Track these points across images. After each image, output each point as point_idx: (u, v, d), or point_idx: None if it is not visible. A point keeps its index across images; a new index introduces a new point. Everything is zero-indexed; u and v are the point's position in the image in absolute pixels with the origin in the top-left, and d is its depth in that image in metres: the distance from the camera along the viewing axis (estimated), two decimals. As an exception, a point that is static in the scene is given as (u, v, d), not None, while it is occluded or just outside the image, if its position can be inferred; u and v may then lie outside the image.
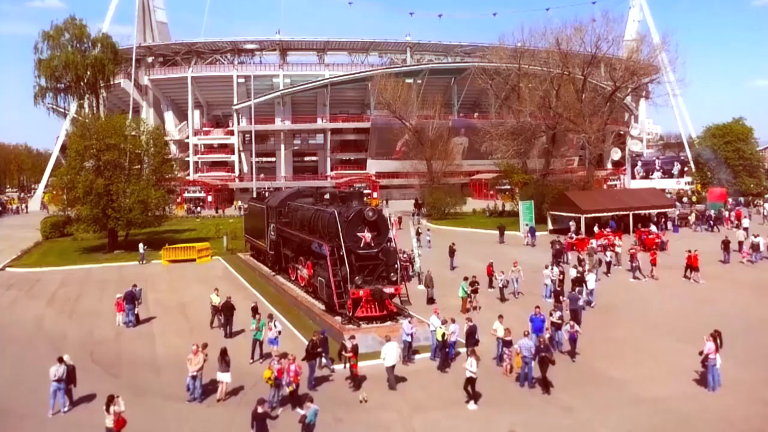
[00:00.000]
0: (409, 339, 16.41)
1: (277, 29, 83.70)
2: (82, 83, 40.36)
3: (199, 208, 69.44)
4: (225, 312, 18.95)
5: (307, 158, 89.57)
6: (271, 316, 17.66)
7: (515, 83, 48.22)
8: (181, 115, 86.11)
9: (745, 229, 38.92)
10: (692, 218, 41.37)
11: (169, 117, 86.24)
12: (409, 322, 16.81)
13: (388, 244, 19.64)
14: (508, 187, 62.14)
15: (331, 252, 19.01)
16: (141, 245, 33.35)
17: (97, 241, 38.93)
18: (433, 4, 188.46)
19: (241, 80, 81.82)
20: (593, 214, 37.40)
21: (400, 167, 71.71)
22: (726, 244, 31.05)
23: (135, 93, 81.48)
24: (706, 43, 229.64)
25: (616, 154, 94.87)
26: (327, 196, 21.86)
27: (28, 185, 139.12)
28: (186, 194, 74.13)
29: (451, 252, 29.23)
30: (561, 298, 19.51)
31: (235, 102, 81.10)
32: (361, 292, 18.21)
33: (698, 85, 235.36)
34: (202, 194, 74.58)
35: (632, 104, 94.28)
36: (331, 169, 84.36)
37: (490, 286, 23.34)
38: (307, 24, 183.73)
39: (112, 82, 47.60)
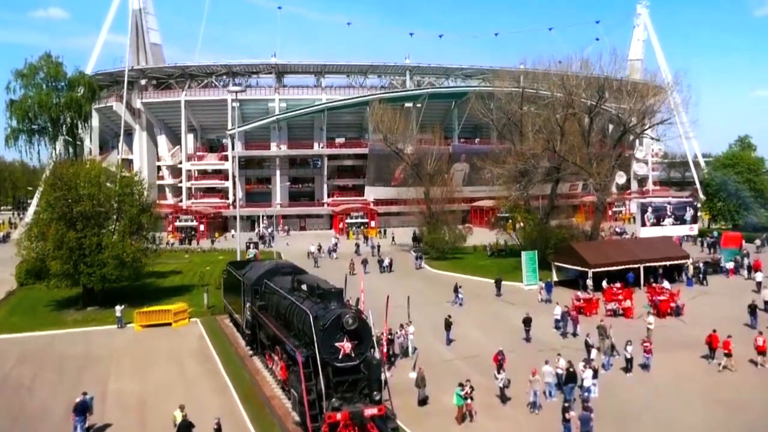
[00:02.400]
0: None
1: (273, 52, 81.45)
2: (57, 125, 38.07)
3: (173, 241, 66.08)
4: (181, 433, 16.40)
5: (303, 183, 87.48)
6: None
7: (517, 119, 45.84)
8: (175, 139, 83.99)
9: (758, 283, 36.23)
10: (690, 270, 38.45)
11: (162, 141, 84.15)
12: None
13: (371, 352, 17.10)
14: (509, 215, 59.90)
15: (305, 363, 16.49)
16: (118, 308, 30.79)
17: (72, 291, 36.41)
18: (434, 24, 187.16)
19: (236, 104, 79.60)
20: (602, 269, 34.85)
21: (399, 194, 69.39)
22: (753, 309, 28.58)
23: (127, 116, 79.46)
24: (707, 53, 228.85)
25: (621, 179, 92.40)
26: (304, 287, 19.28)
27: (24, 202, 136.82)
28: (177, 223, 71.90)
29: (447, 325, 26.60)
30: (568, 414, 16.81)
31: (230, 126, 78.89)
32: (339, 415, 15.67)
33: (700, 96, 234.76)
34: (194, 223, 72.20)
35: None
36: (329, 195, 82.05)
37: (498, 373, 20.50)
38: (306, 42, 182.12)
39: (90, 124, 45.35)
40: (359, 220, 74.80)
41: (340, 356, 16.46)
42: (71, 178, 33.10)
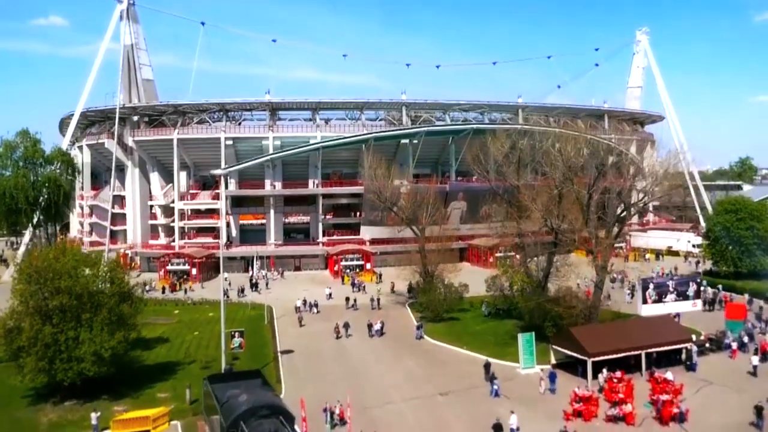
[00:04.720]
0: None
1: (267, 89, 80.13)
2: (36, 204, 36.65)
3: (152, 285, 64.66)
4: None
5: (300, 214, 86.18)
6: None
7: (515, 184, 44.65)
8: (168, 176, 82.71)
9: (755, 367, 34.77)
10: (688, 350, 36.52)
11: (155, 178, 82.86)
12: None
13: None
14: (506, 255, 58.73)
15: None
16: (93, 414, 29.26)
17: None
18: (431, 54, 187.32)
19: (229, 142, 78.49)
20: (601, 357, 33.44)
21: (395, 233, 67.97)
22: (759, 411, 27.35)
23: (119, 153, 78.41)
24: (707, 60, 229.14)
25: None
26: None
27: (19, 228, 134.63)
28: (169, 267, 70.53)
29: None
30: None
31: (223, 164, 77.69)
32: None
33: (700, 104, 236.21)
34: (186, 266, 70.70)
35: (637, 157, 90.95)
36: (324, 234, 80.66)
37: None
38: (301, 73, 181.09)
39: (70, 205, 43.94)
40: (355, 262, 73.19)
41: None
42: (47, 270, 31.72)
